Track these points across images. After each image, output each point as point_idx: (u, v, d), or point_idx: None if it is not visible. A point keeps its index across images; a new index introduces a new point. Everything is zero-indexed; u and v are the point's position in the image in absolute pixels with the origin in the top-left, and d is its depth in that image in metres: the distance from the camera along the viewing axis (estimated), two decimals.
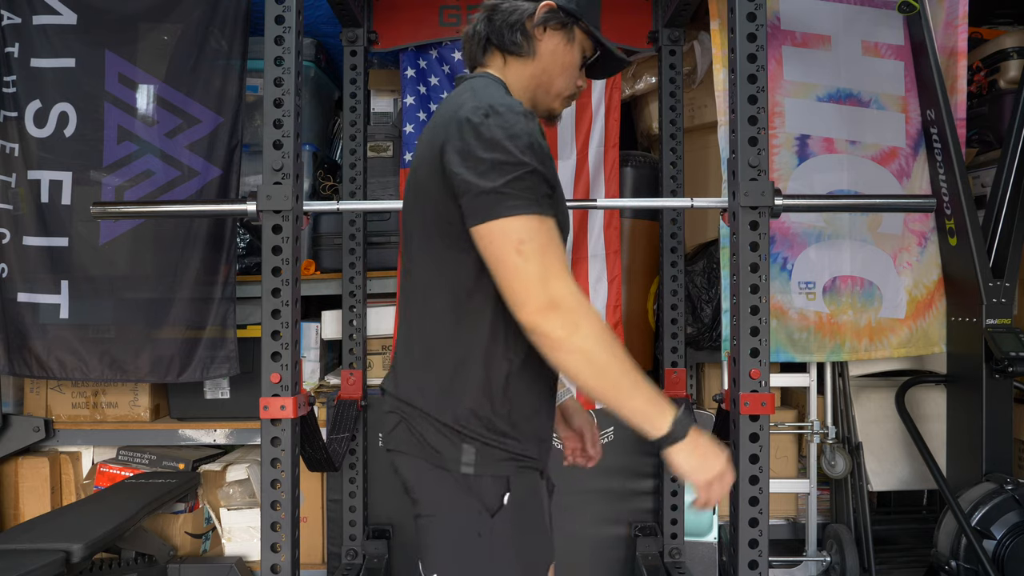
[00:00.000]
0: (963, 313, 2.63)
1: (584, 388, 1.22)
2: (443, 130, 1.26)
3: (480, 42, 1.43)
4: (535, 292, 1.17)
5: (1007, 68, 2.91)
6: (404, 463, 1.35)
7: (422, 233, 1.34)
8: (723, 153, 2.56)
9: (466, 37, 1.49)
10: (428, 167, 1.29)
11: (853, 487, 2.77)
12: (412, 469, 1.33)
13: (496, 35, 1.41)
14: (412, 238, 1.39)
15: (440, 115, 1.34)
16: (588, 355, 1.18)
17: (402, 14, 2.81)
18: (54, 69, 2.72)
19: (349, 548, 2.70)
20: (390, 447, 1.38)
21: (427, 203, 1.31)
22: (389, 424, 1.39)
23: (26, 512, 2.85)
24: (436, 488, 1.30)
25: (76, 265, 2.73)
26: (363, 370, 2.74)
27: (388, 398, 1.41)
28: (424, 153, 1.33)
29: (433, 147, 1.28)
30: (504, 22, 1.40)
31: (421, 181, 1.33)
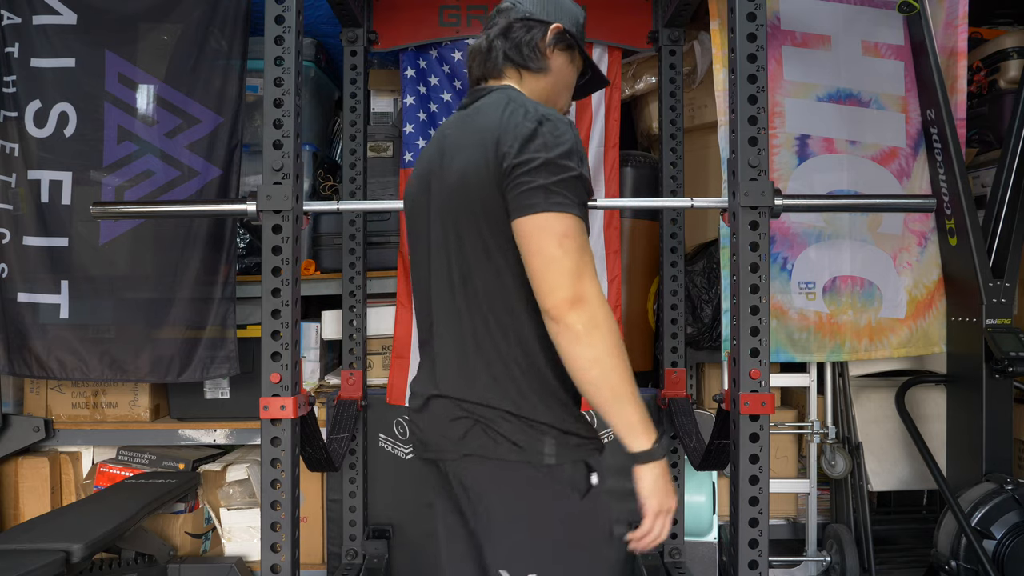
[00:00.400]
0: (963, 313, 2.63)
1: (586, 384, 1.29)
2: (493, 135, 1.33)
3: (497, 56, 1.51)
4: (567, 284, 1.26)
5: (1007, 68, 2.91)
6: (477, 468, 1.36)
7: (477, 239, 1.37)
8: (723, 153, 2.56)
9: (478, 50, 1.54)
10: (482, 172, 1.34)
11: (853, 487, 2.77)
12: (489, 472, 1.35)
13: (515, 51, 1.50)
14: (464, 244, 1.38)
15: (483, 120, 1.39)
16: (600, 354, 1.26)
17: (402, 14, 2.82)
18: (54, 69, 2.72)
19: (349, 548, 2.70)
20: (465, 452, 1.36)
21: (483, 208, 1.35)
22: (457, 430, 1.37)
23: (26, 512, 2.85)
24: (521, 485, 1.34)
25: (76, 265, 2.73)
26: (363, 370, 2.74)
27: (452, 404, 1.39)
28: (475, 159, 1.35)
29: (485, 152, 1.33)
30: (522, 40, 1.50)
31: (472, 187, 1.35)
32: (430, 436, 1.45)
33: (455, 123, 1.50)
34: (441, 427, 1.41)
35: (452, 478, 1.42)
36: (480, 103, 1.47)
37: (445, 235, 1.41)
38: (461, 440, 1.37)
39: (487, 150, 1.33)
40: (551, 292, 1.26)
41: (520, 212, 1.29)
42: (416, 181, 1.53)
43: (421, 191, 1.50)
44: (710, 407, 2.98)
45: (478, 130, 1.38)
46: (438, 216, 1.43)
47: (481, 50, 1.54)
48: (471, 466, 1.37)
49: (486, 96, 1.47)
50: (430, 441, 1.45)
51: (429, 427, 1.45)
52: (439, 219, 1.43)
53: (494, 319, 1.36)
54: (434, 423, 1.43)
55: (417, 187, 1.52)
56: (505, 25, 1.52)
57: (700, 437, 2.51)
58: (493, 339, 1.37)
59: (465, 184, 1.36)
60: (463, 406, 1.38)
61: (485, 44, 1.53)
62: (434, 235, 1.44)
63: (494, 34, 1.52)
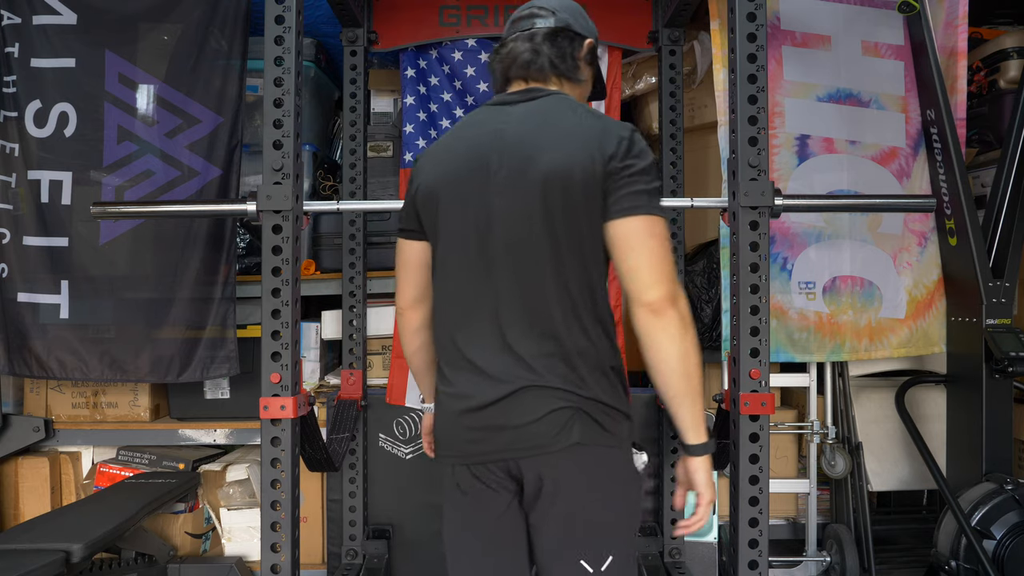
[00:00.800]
0: (963, 313, 2.63)
1: (668, 375, 1.40)
2: (595, 137, 1.42)
3: (544, 62, 1.55)
4: (668, 281, 1.39)
5: (1007, 68, 2.91)
6: (575, 457, 1.41)
7: (574, 232, 1.43)
8: (723, 153, 2.56)
9: (521, 52, 1.55)
10: (588, 170, 1.41)
11: (853, 487, 2.77)
12: (588, 458, 1.42)
13: (560, 59, 1.56)
14: (557, 235, 1.43)
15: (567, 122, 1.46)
16: (689, 349, 1.40)
17: (402, 14, 2.82)
18: (54, 69, 2.72)
19: (349, 548, 2.70)
20: (573, 441, 1.40)
21: (586, 204, 1.42)
22: (558, 421, 1.40)
23: (26, 512, 2.85)
24: (615, 467, 1.45)
25: (76, 265, 2.73)
26: (363, 370, 2.75)
27: (551, 393, 1.41)
28: (577, 157, 1.42)
29: (589, 152, 1.41)
30: (566, 50, 1.57)
31: (576, 183, 1.41)
32: (511, 429, 1.42)
33: (517, 118, 1.49)
34: (534, 417, 1.41)
35: (527, 471, 1.42)
36: (541, 104, 1.51)
37: (527, 226, 1.43)
38: (564, 431, 1.40)
39: (591, 150, 1.41)
40: (653, 286, 1.37)
41: (626, 212, 1.40)
42: (458, 166, 1.50)
43: (473, 176, 1.48)
44: (710, 407, 2.98)
45: (568, 131, 1.45)
46: (515, 205, 1.44)
47: (524, 52, 1.55)
48: (567, 456, 1.40)
49: (544, 98, 1.52)
50: (509, 435, 1.41)
51: (514, 418, 1.41)
52: (517, 208, 1.44)
53: (584, 309, 1.44)
54: (524, 413, 1.41)
55: (466, 172, 1.49)
56: (549, 32, 1.56)
57: None
58: (584, 328, 1.44)
59: (567, 179, 1.41)
60: (564, 397, 1.41)
61: (530, 46, 1.55)
62: (505, 223, 1.45)
63: (540, 39, 1.55)
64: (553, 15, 1.58)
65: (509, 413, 1.43)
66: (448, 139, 1.58)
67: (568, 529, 1.44)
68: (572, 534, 1.44)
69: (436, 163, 1.55)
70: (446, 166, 1.53)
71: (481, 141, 1.50)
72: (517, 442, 1.42)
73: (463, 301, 1.50)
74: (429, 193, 1.53)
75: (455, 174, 1.50)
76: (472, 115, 1.60)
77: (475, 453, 1.46)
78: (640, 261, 1.39)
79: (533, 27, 1.57)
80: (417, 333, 1.68)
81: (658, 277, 1.38)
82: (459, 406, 1.48)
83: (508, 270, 1.45)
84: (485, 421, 1.44)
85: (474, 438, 1.46)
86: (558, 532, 1.45)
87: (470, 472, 1.48)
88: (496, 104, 1.57)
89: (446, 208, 1.51)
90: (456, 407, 1.48)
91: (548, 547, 1.47)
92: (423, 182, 1.55)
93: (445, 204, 1.51)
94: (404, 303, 1.67)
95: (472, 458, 1.47)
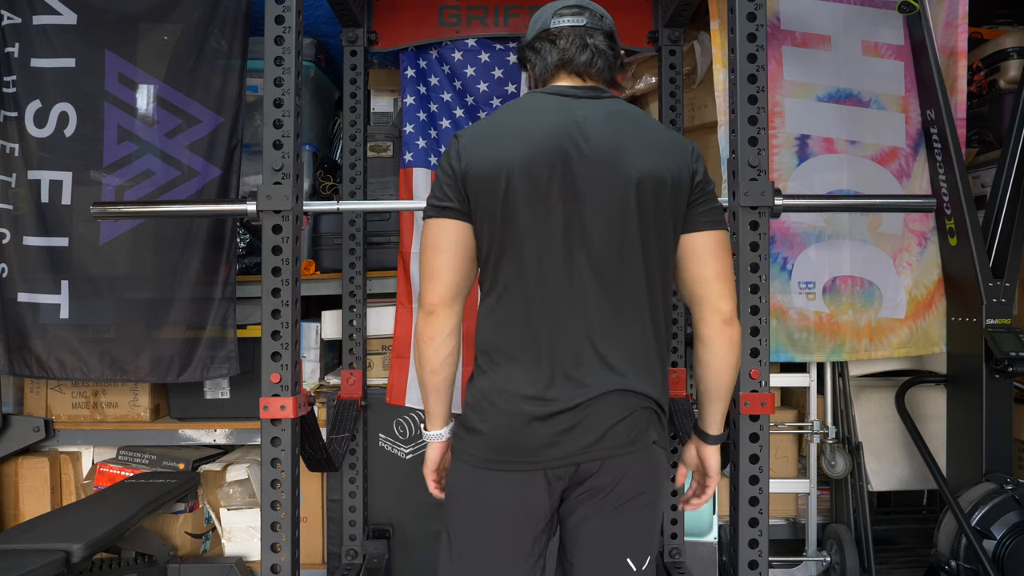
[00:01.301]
0: (963, 313, 2.63)
1: (725, 377, 1.53)
2: (682, 149, 1.50)
3: (605, 65, 1.55)
4: (735, 295, 1.52)
5: (1007, 68, 2.91)
6: (653, 454, 1.47)
7: (664, 240, 1.48)
8: (723, 153, 2.56)
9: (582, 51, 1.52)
10: (679, 180, 1.46)
11: (853, 487, 2.77)
12: (659, 456, 1.49)
13: (613, 66, 1.58)
14: (649, 240, 1.45)
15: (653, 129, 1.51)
16: (739, 360, 1.54)
17: (402, 14, 2.81)
18: (54, 69, 2.72)
19: (349, 548, 2.70)
20: (654, 441, 1.47)
21: (674, 212, 1.48)
22: (639, 422, 1.45)
23: (26, 512, 2.85)
24: (665, 468, 1.52)
25: (76, 265, 2.73)
26: (363, 370, 2.74)
27: (636, 397, 1.45)
28: (669, 166, 1.46)
29: (679, 163, 1.47)
30: (613, 60, 1.57)
31: (668, 190, 1.46)
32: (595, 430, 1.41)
33: (593, 113, 1.47)
34: (618, 418, 1.43)
35: (602, 472, 1.42)
36: (614, 105, 1.52)
37: (620, 223, 1.43)
38: (646, 431, 1.45)
39: (678, 160, 1.47)
40: (729, 298, 1.48)
41: (710, 226, 1.49)
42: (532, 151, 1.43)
43: (553, 163, 1.42)
44: None
45: (654, 137, 1.49)
46: (606, 201, 1.43)
47: (586, 49, 1.52)
48: (642, 456, 1.45)
49: (612, 99, 1.53)
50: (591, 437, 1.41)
51: (600, 420, 1.41)
52: (609, 204, 1.43)
53: (663, 311, 1.51)
54: (610, 415, 1.42)
55: (543, 158, 1.43)
56: (610, 32, 1.57)
57: None
58: (659, 332, 1.50)
59: (659, 184, 1.45)
60: (640, 400, 1.45)
61: (593, 44, 1.53)
62: (597, 218, 1.43)
63: (601, 39, 1.54)
64: (603, 19, 1.57)
65: (593, 416, 1.41)
66: (506, 120, 1.51)
67: (621, 528, 1.46)
68: (624, 533, 1.46)
69: (498, 143, 1.45)
70: (517, 148, 1.43)
71: (558, 130, 1.44)
72: (601, 442, 1.41)
73: (545, 296, 1.43)
74: (491, 175, 1.42)
75: (531, 158, 1.42)
76: (530, 101, 1.53)
77: (555, 456, 1.41)
78: (719, 270, 1.49)
79: (591, 25, 1.54)
80: (450, 337, 1.48)
81: (732, 290, 1.50)
82: (536, 407, 1.41)
83: (598, 265, 1.44)
84: (565, 424, 1.41)
85: (551, 442, 1.41)
86: (613, 531, 1.46)
87: (542, 477, 1.43)
88: (557, 94, 1.51)
89: (520, 194, 1.42)
90: (531, 408, 1.41)
91: (597, 545, 1.46)
92: (476, 164, 1.44)
93: (523, 189, 1.42)
94: (438, 298, 1.45)
95: (550, 462, 1.42)
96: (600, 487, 1.44)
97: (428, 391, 1.54)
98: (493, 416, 1.43)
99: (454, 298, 1.47)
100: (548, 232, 1.43)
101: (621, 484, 1.44)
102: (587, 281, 1.44)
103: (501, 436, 1.43)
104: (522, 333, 1.44)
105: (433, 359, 1.49)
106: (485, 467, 1.44)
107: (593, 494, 1.44)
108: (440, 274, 1.45)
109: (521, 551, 1.47)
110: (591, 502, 1.45)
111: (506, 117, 1.53)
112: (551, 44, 1.54)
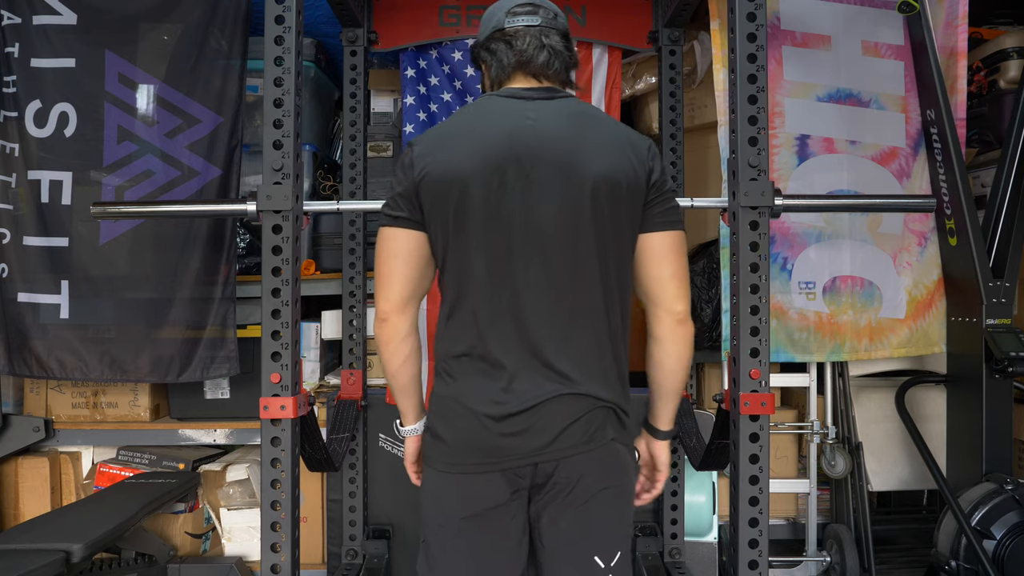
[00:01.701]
0: (963, 313, 2.63)
1: (679, 376, 1.55)
2: (634, 148, 1.48)
3: (562, 66, 1.54)
4: (689, 295, 1.53)
5: (1007, 68, 2.91)
6: (612, 452, 1.48)
7: (621, 240, 1.48)
8: (723, 153, 2.56)
9: (538, 52, 1.50)
10: (632, 179, 1.45)
11: (853, 487, 2.77)
12: (620, 454, 1.50)
13: (569, 66, 1.56)
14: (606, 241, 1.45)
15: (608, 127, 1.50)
16: (690, 359, 1.57)
17: (402, 14, 2.81)
18: (54, 69, 2.72)
19: (349, 548, 2.70)
20: (613, 438, 1.48)
21: (631, 212, 1.47)
22: (594, 421, 1.45)
23: (26, 512, 2.85)
24: (630, 465, 1.53)
25: (76, 265, 2.73)
26: (363, 370, 2.74)
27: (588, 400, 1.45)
28: (623, 165, 1.45)
29: (632, 162, 1.46)
30: (569, 60, 1.55)
31: (623, 190, 1.45)
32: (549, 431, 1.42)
33: (547, 115, 1.46)
34: (572, 419, 1.43)
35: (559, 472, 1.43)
36: (568, 105, 1.51)
37: (575, 227, 1.43)
38: (600, 428, 1.46)
39: (631, 160, 1.46)
40: (682, 298, 1.51)
41: (667, 226, 1.49)
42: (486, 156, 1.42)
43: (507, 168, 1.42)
44: (710, 407, 2.98)
45: (607, 137, 1.47)
46: (562, 204, 1.42)
47: (542, 51, 1.50)
48: (599, 454, 1.46)
49: (566, 99, 1.52)
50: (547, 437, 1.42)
51: (554, 421, 1.42)
52: (564, 208, 1.42)
53: (621, 312, 1.52)
54: (564, 417, 1.43)
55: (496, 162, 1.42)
56: (564, 31, 1.55)
57: (700, 437, 2.51)
58: (617, 336, 1.51)
59: (614, 185, 1.44)
60: (591, 401, 1.46)
61: (549, 45, 1.51)
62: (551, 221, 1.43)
63: (557, 40, 1.52)
64: (557, 17, 1.55)
65: (547, 418, 1.42)
66: (459, 126, 1.50)
67: (587, 527, 1.47)
68: (589, 532, 1.47)
69: (451, 150, 1.45)
70: (469, 154, 1.43)
71: (510, 134, 1.44)
72: (556, 443, 1.42)
73: (498, 301, 1.44)
74: (444, 184, 1.42)
75: (483, 163, 1.42)
76: (483, 104, 1.52)
77: (512, 456, 1.43)
78: (674, 271, 1.50)
79: (546, 24, 1.52)
80: (406, 341, 1.52)
81: (687, 290, 1.52)
82: (491, 411, 1.43)
83: (552, 272, 1.43)
84: (521, 425, 1.42)
85: (506, 444, 1.43)
86: (578, 530, 1.47)
87: (501, 477, 1.44)
88: (510, 96, 1.50)
89: (472, 202, 1.42)
90: (487, 412, 1.43)
91: (564, 545, 1.47)
92: (429, 173, 1.43)
93: (475, 195, 1.42)
94: (392, 305, 1.49)
95: (507, 462, 1.43)
96: (561, 487, 1.45)
97: (395, 391, 1.61)
98: (453, 422, 1.47)
99: (406, 304, 1.50)
100: (500, 241, 1.43)
101: (582, 482, 1.45)
102: (541, 290, 1.44)
103: (460, 440, 1.46)
104: (476, 344, 1.45)
105: (392, 362, 1.55)
106: (447, 471, 1.47)
107: (556, 495, 1.45)
108: (392, 283, 1.49)
109: (490, 553, 1.48)
110: (555, 504, 1.46)
111: (460, 123, 1.51)
112: (507, 45, 1.51)
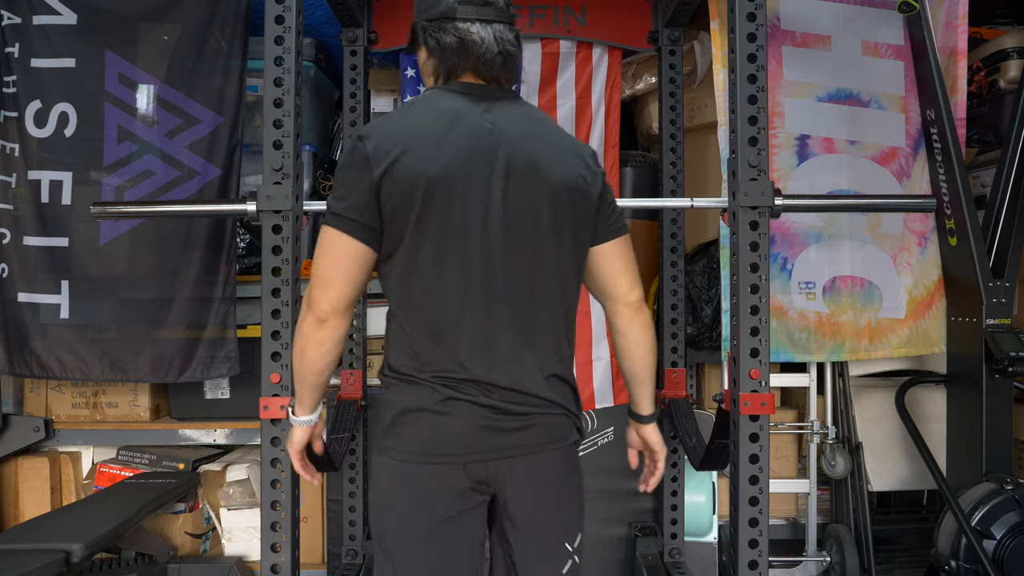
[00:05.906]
0: (963, 313, 2.63)
1: (646, 360, 1.62)
2: (583, 156, 1.52)
3: (513, 68, 1.54)
4: (640, 285, 1.60)
5: (1007, 68, 2.91)
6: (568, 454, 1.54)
7: (577, 244, 1.52)
8: (723, 153, 2.56)
9: (494, 53, 1.47)
10: (585, 188, 1.49)
11: (853, 487, 2.77)
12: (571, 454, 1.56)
13: (519, 66, 1.63)
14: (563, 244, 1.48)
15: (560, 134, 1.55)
16: (654, 342, 1.63)
17: (402, 14, 2.81)
18: (54, 69, 2.72)
19: (349, 548, 2.70)
20: (573, 440, 1.55)
21: (585, 218, 1.51)
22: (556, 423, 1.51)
23: (26, 512, 2.85)
24: (578, 461, 1.59)
25: (76, 265, 2.73)
26: (363, 370, 2.74)
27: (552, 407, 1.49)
28: (577, 173, 1.49)
29: (584, 171, 1.50)
30: (519, 55, 1.56)
31: (579, 198, 1.49)
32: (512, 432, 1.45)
33: (506, 118, 1.45)
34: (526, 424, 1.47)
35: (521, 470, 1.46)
36: (523, 109, 1.52)
37: (534, 233, 1.45)
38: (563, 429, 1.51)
39: (582, 168, 1.50)
40: (637, 288, 1.58)
41: (616, 234, 1.56)
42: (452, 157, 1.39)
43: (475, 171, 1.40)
44: (710, 407, 2.98)
45: (562, 144, 1.52)
46: (525, 211, 1.44)
47: (497, 52, 1.47)
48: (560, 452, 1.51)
49: (518, 101, 1.53)
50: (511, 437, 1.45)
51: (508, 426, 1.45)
52: (527, 215, 1.44)
53: (571, 318, 1.55)
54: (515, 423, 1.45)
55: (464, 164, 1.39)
56: (516, 35, 1.52)
57: (700, 437, 2.51)
58: (570, 345, 1.54)
59: (572, 193, 1.47)
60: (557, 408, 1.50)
61: (502, 47, 1.47)
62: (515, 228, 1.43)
63: (511, 35, 1.50)
64: (507, 8, 1.51)
65: (505, 422, 1.44)
66: (416, 123, 1.43)
67: (556, 516, 1.53)
68: (558, 521, 1.53)
69: (414, 150, 1.38)
70: (433, 156, 1.38)
71: (479, 134, 1.42)
72: (521, 440, 1.46)
73: (458, 304, 1.42)
74: (407, 187, 1.37)
75: (448, 166, 1.38)
76: (434, 101, 1.47)
77: (481, 450, 1.44)
78: (623, 269, 1.58)
79: (497, 19, 1.47)
80: (338, 346, 1.46)
81: (636, 282, 1.59)
82: (456, 410, 1.43)
83: (520, 272, 1.44)
84: (486, 422, 1.44)
85: (478, 438, 1.43)
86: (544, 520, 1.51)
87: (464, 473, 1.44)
88: (460, 92, 1.47)
89: (436, 209, 1.39)
90: (453, 410, 1.43)
91: (538, 536, 1.52)
92: (390, 173, 1.37)
93: (436, 204, 1.38)
94: (332, 307, 1.41)
95: (477, 456, 1.44)
96: (520, 481, 1.47)
97: (306, 385, 1.52)
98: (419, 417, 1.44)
99: (347, 308, 1.44)
100: (467, 246, 1.41)
101: (550, 480, 1.50)
102: (508, 292, 1.44)
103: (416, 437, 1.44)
104: (437, 342, 1.43)
105: (319, 363, 1.47)
106: (404, 460, 1.44)
107: (516, 487, 1.47)
108: (335, 286, 1.42)
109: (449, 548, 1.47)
110: (517, 499, 1.48)
111: (416, 120, 1.44)
112: (460, 44, 1.46)
